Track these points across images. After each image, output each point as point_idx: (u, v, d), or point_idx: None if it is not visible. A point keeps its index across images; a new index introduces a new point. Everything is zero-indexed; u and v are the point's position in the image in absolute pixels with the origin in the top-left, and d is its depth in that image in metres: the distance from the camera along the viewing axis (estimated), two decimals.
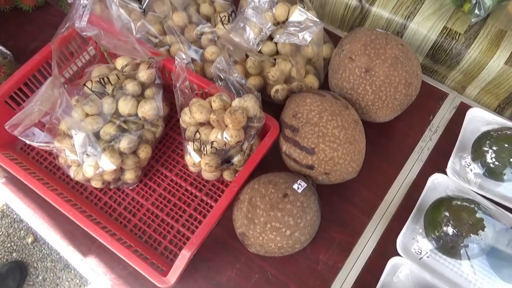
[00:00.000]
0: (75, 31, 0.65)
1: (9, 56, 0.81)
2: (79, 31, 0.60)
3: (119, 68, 0.72)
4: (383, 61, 0.68)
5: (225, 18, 0.77)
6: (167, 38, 0.77)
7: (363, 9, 0.86)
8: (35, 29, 0.94)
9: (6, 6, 0.94)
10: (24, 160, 0.74)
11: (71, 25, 0.59)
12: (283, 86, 0.74)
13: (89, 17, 0.63)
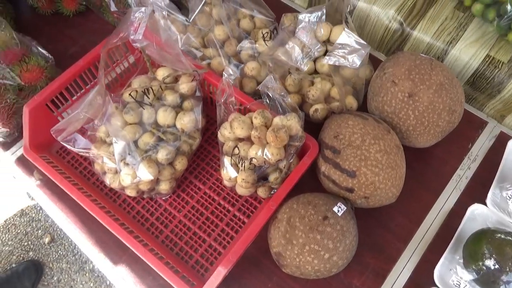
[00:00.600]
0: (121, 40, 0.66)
1: (50, 60, 0.82)
2: (132, 42, 0.61)
3: (159, 79, 0.73)
4: (427, 87, 0.67)
5: (267, 34, 0.78)
6: (208, 51, 0.78)
7: (404, 32, 0.85)
8: (75, 34, 0.95)
9: (48, 10, 0.96)
10: (59, 163, 0.74)
11: (125, 36, 0.59)
12: (323, 105, 0.73)
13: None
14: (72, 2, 0.95)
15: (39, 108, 0.71)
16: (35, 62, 0.77)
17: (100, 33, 0.94)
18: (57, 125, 0.62)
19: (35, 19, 0.97)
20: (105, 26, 0.95)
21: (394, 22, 0.85)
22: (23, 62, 0.75)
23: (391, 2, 0.86)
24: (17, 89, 0.75)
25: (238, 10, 0.82)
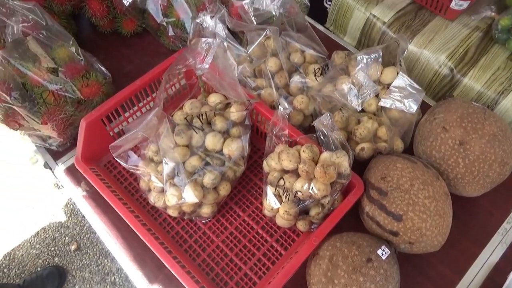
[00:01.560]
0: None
1: (108, 77, 0.86)
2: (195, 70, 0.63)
3: (211, 104, 0.75)
4: (480, 136, 0.67)
5: (319, 70, 0.79)
6: (260, 81, 0.80)
7: (454, 78, 0.85)
8: (130, 53, 1.00)
9: (107, 29, 1.01)
10: (106, 177, 0.76)
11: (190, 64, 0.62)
12: (370, 145, 0.74)
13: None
14: (131, 23, 1.00)
15: (95, 122, 0.74)
16: (94, 78, 0.81)
17: (155, 54, 0.99)
18: (116, 141, 0.64)
19: (95, 37, 1.02)
20: (159, 48, 0.99)
21: (445, 67, 0.86)
22: (84, 77, 0.79)
23: (442, 48, 0.87)
24: (76, 102, 0.79)
25: (291, 44, 0.84)
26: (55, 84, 0.76)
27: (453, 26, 0.92)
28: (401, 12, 0.96)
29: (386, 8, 0.96)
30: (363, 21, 0.98)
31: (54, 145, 0.80)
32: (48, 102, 0.76)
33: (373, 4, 0.97)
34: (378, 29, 0.96)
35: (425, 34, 0.91)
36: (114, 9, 0.96)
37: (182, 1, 0.88)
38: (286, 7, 0.77)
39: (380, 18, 0.95)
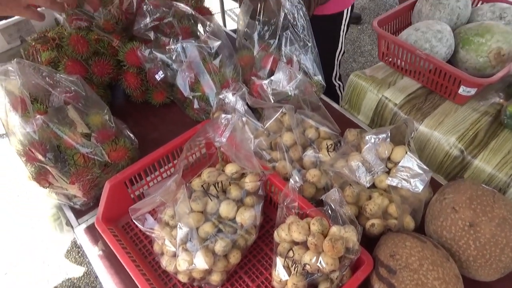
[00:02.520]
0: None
1: (135, 143, 0.93)
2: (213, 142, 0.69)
3: (227, 173, 0.79)
4: (489, 219, 0.67)
5: (331, 146, 0.84)
6: (275, 154, 0.84)
7: (464, 160, 0.88)
8: (157, 122, 1.08)
9: (139, 99, 1.11)
10: (123, 238, 0.79)
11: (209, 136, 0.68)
12: (380, 221, 0.75)
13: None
14: (161, 95, 1.09)
15: (118, 185, 0.79)
16: (122, 144, 0.87)
17: (179, 124, 1.06)
18: (135, 204, 0.68)
19: (127, 105, 1.12)
20: (184, 118, 1.07)
21: (455, 149, 0.88)
22: (113, 143, 0.86)
23: (452, 130, 0.91)
24: (103, 165, 0.85)
25: (306, 121, 0.90)
26: (86, 147, 0.83)
27: (463, 110, 0.97)
28: (412, 96, 1.02)
29: (397, 91, 1.03)
30: (376, 102, 1.04)
31: (78, 204, 0.85)
32: (78, 164, 0.82)
33: (385, 87, 1.04)
34: (390, 110, 1.01)
35: (435, 117, 0.95)
36: (146, 82, 1.06)
37: (208, 78, 0.97)
38: (301, 88, 0.84)
39: (392, 100, 1.01)
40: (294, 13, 0.98)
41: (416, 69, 1.02)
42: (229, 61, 1.02)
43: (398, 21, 1.16)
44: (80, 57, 1.01)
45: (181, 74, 1.00)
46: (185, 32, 1.04)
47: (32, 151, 0.79)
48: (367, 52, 2.80)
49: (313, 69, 1.02)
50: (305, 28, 0.99)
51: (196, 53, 0.99)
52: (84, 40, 1.00)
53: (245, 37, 1.04)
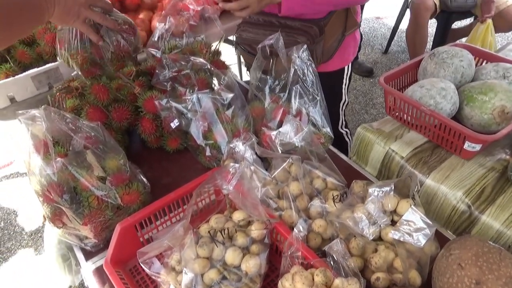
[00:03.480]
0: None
1: (147, 187, 0.96)
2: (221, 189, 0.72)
3: (235, 220, 0.81)
4: (496, 277, 0.66)
5: (337, 197, 0.85)
6: (282, 203, 0.86)
7: (472, 215, 0.88)
8: (170, 167, 1.12)
9: (154, 144, 1.16)
10: (129, 281, 0.80)
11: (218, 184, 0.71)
12: (385, 275, 0.74)
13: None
14: (175, 142, 1.14)
15: (129, 228, 0.81)
16: (135, 188, 0.91)
17: (191, 170, 1.10)
18: (143, 247, 0.70)
19: (142, 150, 1.17)
20: (196, 164, 1.11)
21: (462, 204, 0.89)
22: (127, 186, 0.89)
23: (459, 185, 0.92)
24: (115, 207, 0.88)
25: (313, 171, 0.92)
26: (101, 190, 0.86)
27: (469, 165, 0.98)
28: (419, 149, 1.04)
29: (404, 144, 1.05)
30: (383, 155, 1.06)
31: (89, 246, 0.87)
32: (92, 206, 0.85)
33: (392, 140, 1.07)
34: (397, 162, 1.03)
35: (441, 171, 0.97)
36: (162, 129, 1.12)
37: (220, 127, 1.02)
38: (308, 140, 0.88)
39: (399, 153, 1.04)
40: (304, 69, 1.04)
41: (422, 124, 1.05)
42: (241, 111, 1.07)
43: (405, 77, 1.21)
44: (101, 103, 1.08)
45: (195, 122, 1.05)
46: (201, 83, 1.11)
47: (50, 192, 0.83)
48: (379, 104, 2.86)
49: (322, 122, 1.06)
50: (314, 83, 1.05)
51: (210, 104, 1.04)
52: (105, 88, 1.07)
53: (257, 90, 1.10)
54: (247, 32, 1.28)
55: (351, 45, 1.39)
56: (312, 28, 1.20)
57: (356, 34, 1.38)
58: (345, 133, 1.60)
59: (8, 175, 2.43)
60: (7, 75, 1.29)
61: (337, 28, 1.29)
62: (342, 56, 1.38)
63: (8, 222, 2.12)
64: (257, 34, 1.25)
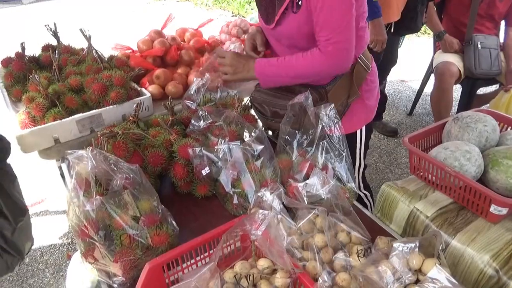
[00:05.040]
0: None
1: (176, 230, 1.00)
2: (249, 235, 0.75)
3: (259, 268, 0.83)
4: None
5: (361, 251, 0.86)
6: (306, 254, 0.88)
7: (500, 280, 0.86)
8: (198, 212, 1.16)
9: (184, 190, 1.21)
10: None
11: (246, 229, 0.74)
12: None
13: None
14: (204, 188, 1.19)
15: (157, 268, 0.84)
16: (165, 229, 0.95)
17: (218, 216, 1.14)
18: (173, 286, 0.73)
19: (172, 195, 1.22)
20: (223, 211, 1.15)
21: (490, 268, 0.88)
22: (157, 228, 0.94)
23: (486, 248, 0.91)
24: (145, 247, 0.92)
25: (338, 224, 0.94)
26: (133, 229, 0.91)
27: (496, 229, 0.97)
28: (444, 209, 1.05)
29: (429, 204, 1.06)
30: (407, 213, 1.07)
31: (116, 284, 0.90)
32: (124, 244, 0.89)
33: (416, 199, 1.08)
34: (421, 221, 1.04)
35: (467, 233, 0.96)
36: (193, 175, 1.18)
37: (249, 177, 1.07)
38: (334, 192, 0.91)
39: (424, 212, 1.04)
40: (331, 125, 1.09)
41: (447, 184, 1.07)
42: (269, 163, 1.12)
43: (429, 139, 1.25)
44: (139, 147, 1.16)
45: (225, 171, 1.11)
46: (232, 135, 1.18)
47: (87, 227, 0.88)
48: (403, 164, 2.86)
49: (347, 177, 1.09)
50: (340, 140, 1.10)
51: (240, 154, 1.10)
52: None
53: (285, 143, 1.16)
54: (260, 92, 1.40)
55: (361, 111, 1.41)
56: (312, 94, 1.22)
57: (367, 101, 1.40)
58: (364, 195, 1.58)
59: (38, 213, 2.51)
60: (54, 118, 1.40)
61: (341, 94, 1.33)
62: (350, 121, 1.39)
63: (33, 259, 2.16)
64: (267, 95, 1.37)
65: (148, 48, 1.87)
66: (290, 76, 1.26)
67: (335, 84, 1.32)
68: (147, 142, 1.22)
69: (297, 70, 1.24)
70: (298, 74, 1.25)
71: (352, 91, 1.34)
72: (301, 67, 1.23)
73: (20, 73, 1.62)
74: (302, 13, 1.18)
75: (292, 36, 1.26)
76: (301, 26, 1.20)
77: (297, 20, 1.19)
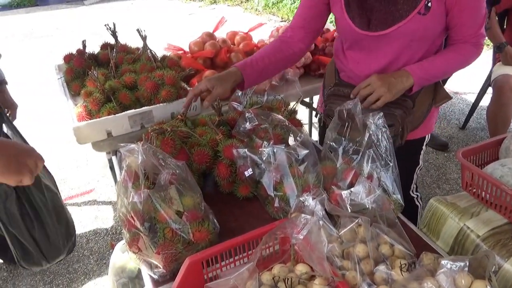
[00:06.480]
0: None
1: (217, 228, 1.01)
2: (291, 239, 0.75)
3: (297, 273, 0.82)
4: None
5: (405, 266, 0.83)
6: (347, 263, 0.86)
7: None
8: (238, 213, 1.17)
9: (226, 189, 1.23)
10: None
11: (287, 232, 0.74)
12: None
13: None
14: (246, 189, 1.20)
15: (197, 263, 0.86)
16: (207, 226, 0.96)
17: (258, 218, 1.14)
18: (211, 283, 0.75)
19: (215, 194, 1.24)
20: (263, 214, 1.15)
21: None
22: (199, 224, 0.96)
23: None
24: (186, 242, 0.94)
25: (381, 236, 0.91)
26: (176, 224, 0.93)
27: None
28: (497, 230, 0.98)
29: (481, 222, 1.00)
30: (457, 231, 1.02)
31: (157, 275, 0.93)
32: (166, 237, 0.92)
33: (467, 217, 1.03)
34: (471, 240, 0.98)
35: None
36: (235, 175, 1.19)
37: (291, 181, 1.06)
38: (379, 203, 0.88)
39: (475, 231, 0.99)
40: (378, 134, 1.07)
41: (502, 204, 1.01)
42: (313, 168, 1.11)
43: (484, 154, 1.18)
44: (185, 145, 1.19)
45: (268, 174, 1.11)
46: (277, 138, 1.18)
47: (134, 218, 0.91)
48: (452, 180, 2.73)
49: (393, 188, 1.06)
50: (387, 149, 1.06)
51: (284, 158, 1.10)
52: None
53: (330, 149, 1.14)
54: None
55: (435, 115, 1.44)
56: (407, 102, 1.27)
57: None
58: (416, 197, 1.57)
59: (86, 202, 2.66)
60: (109, 113, 1.48)
61: (426, 99, 1.34)
62: (427, 125, 1.42)
63: (79, 245, 2.28)
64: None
65: (200, 50, 1.93)
66: (444, 73, 1.29)
67: (421, 89, 1.32)
68: (193, 140, 1.25)
69: (452, 67, 1.28)
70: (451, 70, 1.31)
71: (442, 94, 1.36)
72: (455, 63, 1.26)
73: (80, 69, 1.73)
74: (432, 15, 1.16)
75: (412, 39, 1.22)
76: (427, 28, 1.19)
77: (425, 22, 1.17)
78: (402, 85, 1.20)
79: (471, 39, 1.23)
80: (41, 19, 7.17)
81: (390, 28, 1.19)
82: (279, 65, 1.41)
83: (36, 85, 4.26)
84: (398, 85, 1.20)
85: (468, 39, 1.22)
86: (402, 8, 1.16)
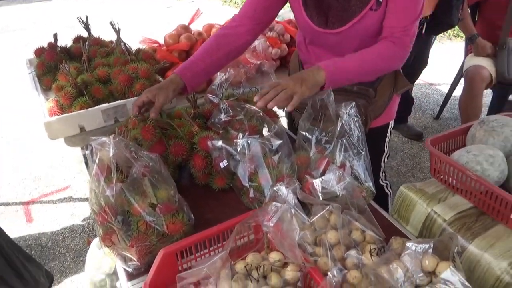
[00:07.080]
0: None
1: (191, 220, 1.02)
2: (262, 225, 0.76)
3: (270, 260, 0.84)
4: None
5: (375, 250, 0.85)
6: (318, 250, 0.88)
7: None
8: (214, 204, 1.18)
9: (202, 181, 1.23)
10: None
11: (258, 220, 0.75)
12: None
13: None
14: (221, 181, 1.20)
15: (170, 254, 0.86)
16: (181, 218, 0.97)
17: (233, 209, 1.15)
18: (183, 273, 0.75)
19: (190, 186, 1.24)
20: (239, 205, 1.16)
21: (507, 275, 0.85)
22: (173, 216, 0.96)
23: (504, 255, 0.89)
24: (160, 234, 0.94)
25: (352, 222, 0.94)
26: (150, 216, 0.93)
27: None
28: (463, 214, 1.02)
29: (447, 207, 1.04)
30: (425, 216, 1.05)
31: (131, 268, 0.93)
32: (140, 230, 0.92)
33: (434, 202, 1.06)
34: (438, 225, 1.02)
35: (486, 238, 0.94)
36: (211, 167, 1.19)
37: (266, 171, 1.07)
38: (349, 189, 0.90)
39: (441, 215, 1.02)
40: (351, 124, 1.09)
41: (467, 189, 1.04)
42: (287, 159, 1.13)
43: (452, 142, 1.22)
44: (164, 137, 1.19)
45: (242, 165, 1.12)
46: (252, 129, 1.19)
47: (106, 212, 0.91)
48: (426, 168, 2.80)
49: (365, 176, 1.08)
50: (359, 138, 1.09)
51: (258, 148, 1.11)
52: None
53: (304, 139, 1.16)
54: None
55: (396, 101, 1.47)
56: (369, 91, 1.30)
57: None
58: (385, 185, 1.61)
59: (61, 199, 2.61)
60: (81, 107, 1.45)
61: (387, 88, 1.37)
62: (389, 112, 1.45)
63: (55, 243, 2.24)
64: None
65: (175, 43, 1.91)
66: (359, 73, 1.19)
67: (382, 79, 1.33)
68: (171, 132, 1.24)
69: (368, 65, 1.18)
70: (368, 69, 1.19)
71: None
72: (371, 61, 1.17)
73: (52, 63, 1.69)
74: (381, 10, 1.16)
75: (368, 35, 1.21)
76: (380, 23, 1.18)
77: (377, 18, 1.17)
78: (314, 78, 1.11)
79: (393, 34, 1.15)
80: (16, 13, 6.95)
81: (346, 25, 1.20)
82: (222, 61, 1.34)
83: (10, 79, 4.14)
84: (310, 79, 1.11)
85: (390, 34, 1.16)
86: (355, 5, 1.17)
